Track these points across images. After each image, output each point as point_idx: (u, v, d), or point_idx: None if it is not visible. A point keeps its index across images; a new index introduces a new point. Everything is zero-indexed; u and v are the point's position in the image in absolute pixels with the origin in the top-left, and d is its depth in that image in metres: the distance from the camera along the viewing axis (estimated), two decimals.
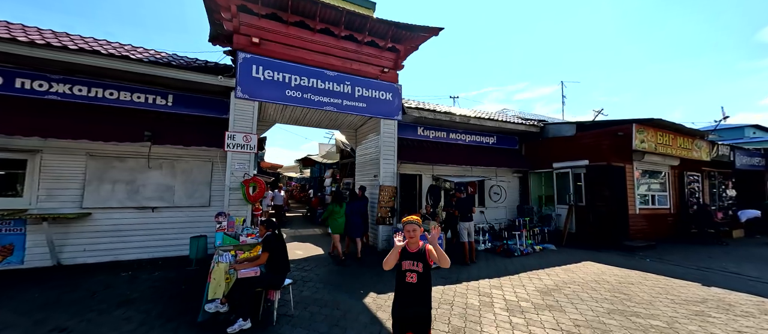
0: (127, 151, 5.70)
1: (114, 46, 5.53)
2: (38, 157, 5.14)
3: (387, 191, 7.25)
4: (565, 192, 9.01)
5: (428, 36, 7.50)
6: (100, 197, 5.47)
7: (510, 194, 10.07)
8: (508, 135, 10.52)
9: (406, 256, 2.35)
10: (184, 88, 6.08)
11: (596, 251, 7.56)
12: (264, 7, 6.08)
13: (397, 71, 7.81)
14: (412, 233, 2.36)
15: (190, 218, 6.11)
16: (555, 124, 9.87)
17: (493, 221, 9.26)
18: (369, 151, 8.23)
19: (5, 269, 4.82)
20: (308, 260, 6.35)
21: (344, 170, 11.88)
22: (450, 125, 9.26)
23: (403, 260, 2.35)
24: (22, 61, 4.87)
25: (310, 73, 6.59)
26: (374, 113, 7.33)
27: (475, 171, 9.59)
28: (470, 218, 6.49)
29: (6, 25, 4.92)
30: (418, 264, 2.31)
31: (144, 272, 5.18)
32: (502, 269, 5.93)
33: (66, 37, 5.21)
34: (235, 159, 5.79)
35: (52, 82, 5.21)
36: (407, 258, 2.34)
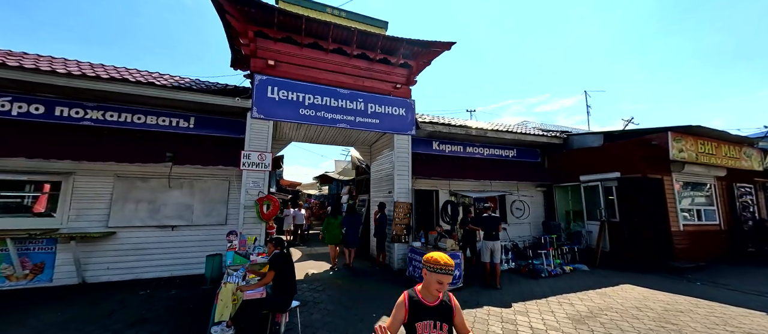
0: (151, 172, 5.95)
1: (142, 74, 5.92)
2: (71, 179, 5.48)
3: (402, 207, 7.04)
4: (596, 207, 8.35)
5: (440, 51, 7.48)
6: (124, 216, 5.70)
7: (533, 209, 9.50)
8: (529, 148, 10.07)
9: (422, 313, 1.57)
10: (204, 111, 6.37)
11: (636, 273, 6.83)
12: (279, 32, 6.34)
13: (409, 87, 7.79)
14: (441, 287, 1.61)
15: (207, 237, 6.21)
16: (580, 135, 9.34)
17: (517, 238, 8.71)
18: (383, 167, 8.13)
19: (35, 286, 5.05)
20: (321, 280, 6.19)
21: (360, 187, 11.82)
22: (466, 139, 9.02)
23: (416, 319, 1.56)
24: (62, 91, 5.31)
25: (323, 92, 6.70)
26: (387, 129, 7.28)
27: (494, 186, 9.17)
28: (496, 237, 5.99)
29: (49, 60, 5.42)
30: (443, 327, 1.57)
31: (161, 291, 5.24)
32: (527, 292, 5.46)
33: (101, 67, 5.65)
34: (250, 177, 5.88)
35: (87, 109, 5.63)
36: (424, 316, 1.56)
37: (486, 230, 6.13)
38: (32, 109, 5.29)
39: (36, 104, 5.32)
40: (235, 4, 5.71)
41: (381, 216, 7.17)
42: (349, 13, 7.34)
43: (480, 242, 6.25)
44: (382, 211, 7.21)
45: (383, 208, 7.23)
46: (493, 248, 5.96)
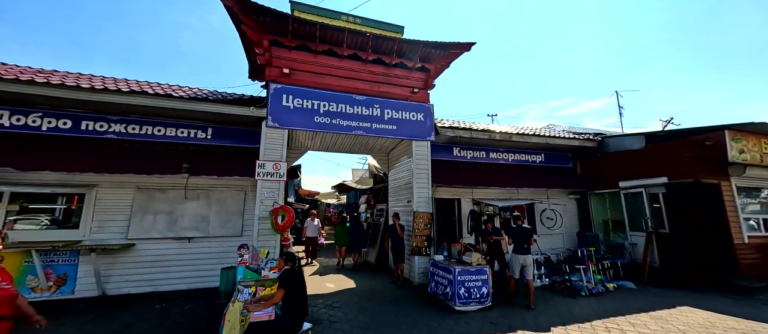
0: (169, 183, 5.97)
1: (162, 87, 6.01)
2: (95, 191, 5.58)
3: (422, 217, 6.63)
4: (640, 216, 7.50)
5: (459, 52, 7.13)
6: (143, 228, 5.71)
7: (566, 218, 8.73)
8: (559, 152, 9.36)
9: None
10: (221, 121, 6.37)
11: (693, 292, 5.97)
12: (294, 40, 6.27)
13: (428, 91, 7.47)
14: None
15: (223, 248, 6.11)
16: (617, 137, 8.54)
17: (549, 251, 7.98)
18: (401, 175, 7.79)
19: (58, 298, 5.11)
20: (338, 295, 5.87)
21: (378, 196, 11.51)
22: (489, 144, 8.50)
23: None
24: (87, 106, 5.47)
25: (338, 99, 6.53)
26: (405, 135, 6.96)
27: (521, 193, 8.53)
28: (528, 250, 5.43)
29: (77, 76, 5.62)
30: None
31: (176, 305, 5.14)
32: (566, 314, 4.84)
33: (123, 82, 5.80)
34: (264, 187, 5.74)
35: (110, 122, 5.76)
36: None
37: (517, 242, 5.57)
38: (60, 124, 5.47)
39: (64, 119, 5.50)
40: (251, 14, 5.70)
41: (392, 227, 6.77)
42: (364, 20, 7.19)
43: (509, 254, 5.70)
44: (396, 221, 6.77)
45: (397, 218, 6.83)
46: (524, 263, 5.40)
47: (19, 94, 4.87)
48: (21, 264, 5.01)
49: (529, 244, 5.49)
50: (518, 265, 5.39)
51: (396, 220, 6.75)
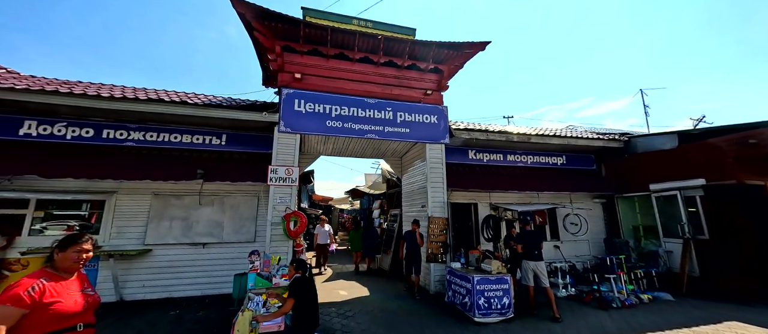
0: (184, 189, 6.03)
1: (178, 95, 6.14)
2: (114, 198, 5.71)
3: (437, 223, 6.39)
4: (675, 221, 6.94)
5: (473, 52, 6.92)
6: (160, 233, 5.77)
7: (592, 224, 8.22)
8: (581, 153, 8.90)
9: None
10: (234, 127, 6.42)
11: (740, 305, 5.40)
12: (305, 45, 6.27)
13: (441, 93, 7.28)
14: None
15: (237, 254, 6.09)
16: (645, 137, 8.01)
17: (574, 258, 7.52)
18: (415, 180, 7.58)
19: None
20: (351, 304, 5.70)
21: (391, 201, 11.32)
22: (506, 146, 8.18)
23: None
24: (108, 114, 5.64)
25: (350, 102, 6.45)
26: (418, 138, 6.78)
27: (542, 197, 8.13)
28: (538, 257, 5.20)
29: (98, 87, 5.81)
30: None
31: (190, 311, 5.12)
32: (598, 329, 4.45)
33: (142, 91, 5.95)
34: (277, 192, 5.69)
35: (130, 130, 5.91)
36: None
37: (526, 247, 5.30)
38: (83, 133, 5.66)
39: (87, 128, 5.69)
40: (263, 20, 5.74)
41: (408, 234, 6.26)
42: (375, 24, 7.12)
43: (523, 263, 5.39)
44: (416, 228, 6.24)
45: (417, 224, 6.27)
46: (536, 269, 5.13)
47: (46, 105, 5.06)
48: None
49: (540, 249, 5.24)
50: (530, 272, 5.14)
51: (415, 227, 6.22)
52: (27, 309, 1.65)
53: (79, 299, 1.86)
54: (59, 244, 1.88)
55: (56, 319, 1.74)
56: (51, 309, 1.71)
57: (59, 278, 1.83)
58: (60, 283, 1.81)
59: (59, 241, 1.89)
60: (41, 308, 1.68)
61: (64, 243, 1.88)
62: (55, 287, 1.77)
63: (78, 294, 1.87)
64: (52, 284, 1.76)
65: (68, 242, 1.89)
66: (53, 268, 1.86)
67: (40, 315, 1.68)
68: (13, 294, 1.64)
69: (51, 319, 1.72)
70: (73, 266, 1.90)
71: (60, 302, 1.75)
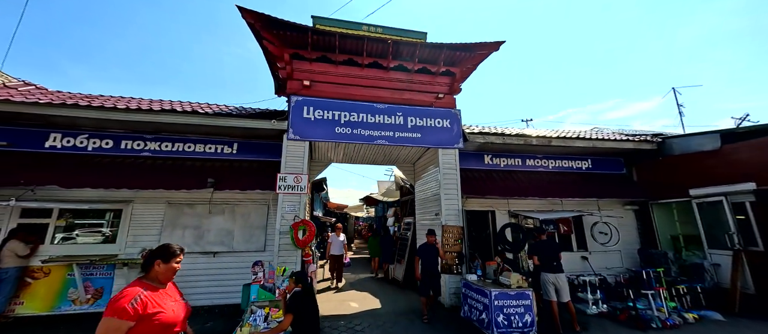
0: (197, 198, 6.08)
1: (192, 105, 6.26)
2: (130, 207, 5.84)
3: (451, 231, 6.06)
4: (721, 231, 6.20)
5: (487, 53, 6.63)
6: (172, 242, 5.81)
7: (624, 233, 7.54)
8: (609, 156, 8.27)
9: None
10: (245, 136, 6.45)
11: None
12: (314, 52, 6.24)
13: (454, 96, 7.02)
14: None
15: (247, 263, 5.98)
16: (682, 137, 7.31)
17: (604, 271, 6.89)
18: (429, 187, 7.30)
19: (94, 311, 5.29)
20: (362, 317, 5.45)
21: (405, 208, 11.04)
22: (525, 150, 7.73)
23: None
24: (126, 126, 5.82)
25: (359, 109, 6.32)
26: (431, 143, 6.52)
27: (566, 204, 7.57)
28: (558, 269, 4.85)
29: (117, 99, 6.03)
30: None
31: (198, 322, 5.07)
32: None
33: (157, 102, 6.12)
34: (285, 200, 5.61)
35: (146, 141, 6.08)
36: None
37: (543, 259, 4.93)
38: (103, 144, 5.87)
39: (106, 139, 5.90)
40: (271, 29, 5.77)
41: (424, 247, 5.41)
42: (385, 29, 7.00)
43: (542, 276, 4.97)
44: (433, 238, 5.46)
45: (433, 234, 5.49)
46: (556, 283, 4.76)
47: (68, 118, 5.29)
48: (64, 277, 5.30)
49: (557, 260, 4.85)
50: (551, 285, 4.77)
51: (432, 238, 5.40)
52: (133, 321, 1.67)
53: (176, 308, 1.90)
54: (163, 256, 1.92)
55: (159, 330, 1.76)
56: (154, 320, 1.74)
57: (155, 288, 1.85)
58: (157, 293, 1.83)
59: (161, 253, 1.93)
60: (145, 319, 1.71)
61: (168, 255, 1.93)
62: (155, 297, 1.79)
63: (174, 304, 1.90)
64: (151, 294, 1.79)
65: (171, 254, 1.95)
66: (149, 279, 1.89)
67: (144, 327, 1.70)
68: (118, 307, 1.65)
69: (154, 330, 1.74)
70: (170, 277, 1.96)
71: (162, 313, 1.77)
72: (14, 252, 4.91)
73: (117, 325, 1.63)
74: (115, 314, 1.63)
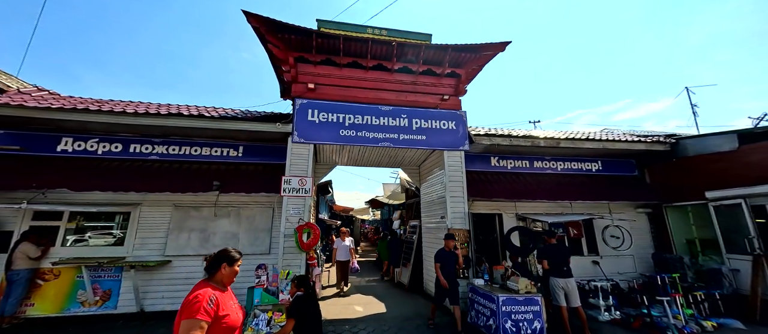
0: (203, 201, 6.13)
1: (198, 109, 6.33)
2: (138, 210, 5.91)
3: (457, 235, 5.95)
4: (740, 234, 5.96)
5: (492, 54, 6.55)
6: (179, 245, 5.86)
7: (636, 237, 7.32)
8: (620, 158, 8.07)
9: None
10: (250, 139, 6.50)
11: None
12: (318, 55, 6.25)
13: (459, 97, 6.94)
14: None
15: (252, 266, 5.94)
16: (697, 138, 7.08)
17: (617, 276, 6.68)
18: (434, 189, 7.21)
19: (102, 313, 5.35)
20: (366, 321, 5.38)
21: (410, 211, 10.95)
22: (533, 152, 7.59)
23: None
24: (135, 130, 5.90)
25: (363, 111, 6.30)
26: (436, 145, 6.45)
27: (576, 207, 7.40)
28: (566, 273, 4.71)
29: (126, 104, 6.13)
30: None
31: None
32: None
33: (165, 106, 6.20)
34: (290, 203, 5.60)
35: (154, 144, 6.16)
36: None
37: (552, 263, 4.82)
38: (113, 148, 5.97)
39: (116, 143, 6.00)
40: (276, 32, 5.81)
41: (443, 253, 4.98)
42: (390, 31, 6.99)
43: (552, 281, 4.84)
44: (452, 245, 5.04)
45: (451, 239, 5.08)
46: (566, 288, 4.62)
47: (79, 122, 5.41)
48: (73, 279, 5.38)
49: (566, 265, 4.72)
50: (560, 290, 4.64)
51: (451, 243, 4.97)
52: (209, 321, 1.72)
53: (238, 311, 1.96)
54: (228, 259, 1.97)
55: (226, 331, 1.80)
56: (223, 322, 1.78)
57: (220, 291, 1.89)
58: (223, 295, 1.89)
59: (226, 256, 1.99)
60: (217, 320, 1.76)
61: (231, 259, 1.99)
62: (221, 299, 1.84)
63: (235, 306, 1.96)
64: (219, 295, 1.84)
65: (234, 258, 2.00)
66: (214, 281, 1.94)
67: (215, 328, 1.75)
68: (198, 307, 1.70)
69: (222, 331, 1.77)
70: (232, 281, 2.02)
71: (229, 315, 1.83)
72: (26, 254, 5.01)
73: (199, 325, 1.66)
74: (197, 314, 1.67)
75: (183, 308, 1.72)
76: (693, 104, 15.46)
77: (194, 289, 1.81)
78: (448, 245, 5.01)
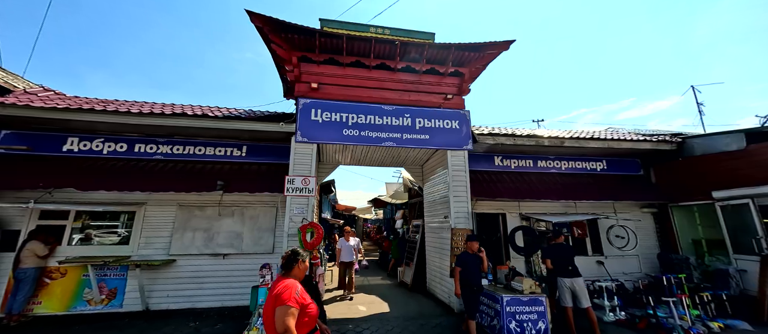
0: (207, 201, 6.16)
1: (202, 109, 6.35)
2: (143, 209, 5.95)
3: (461, 234, 5.94)
4: (748, 235, 5.89)
5: (496, 52, 6.51)
6: (183, 244, 5.90)
7: (641, 237, 7.26)
8: (625, 157, 8.01)
9: None
10: (254, 138, 6.52)
11: None
12: (322, 54, 6.25)
13: (463, 96, 6.91)
14: None
15: (256, 266, 6.00)
16: (704, 137, 7.00)
17: (622, 276, 6.64)
18: (437, 189, 7.20)
19: (108, 311, 5.40)
20: (370, 321, 5.38)
21: (413, 211, 10.94)
22: (537, 151, 7.55)
23: None
24: (139, 130, 5.95)
25: (366, 110, 6.29)
26: (439, 145, 6.43)
27: (580, 207, 7.35)
28: (572, 273, 4.67)
29: (130, 104, 6.17)
30: None
31: (208, 324, 5.11)
32: None
33: (169, 106, 6.23)
34: (293, 203, 5.61)
35: (159, 144, 6.20)
36: None
37: (556, 263, 4.82)
38: (118, 148, 6.02)
39: (121, 143, 6.04)
40: (279, 32, 5.81)
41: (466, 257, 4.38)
42: (393, 30, 6.97)
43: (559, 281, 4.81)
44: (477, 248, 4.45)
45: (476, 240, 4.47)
46: (573, 288, 4.58)
47: (85, 122, 5.45)
48: (80, 278, 5.43)
49: (573, 265, 4.68)
50: (567, 290, 4.60)
51: (474, 245, 4.41)
52: (298, 309, 1.95)
53: (314, 303, 2.15)
54: (302, 256, 2.27)
55: (310, 321, 2.01)
56: (308, 309, 2.00)
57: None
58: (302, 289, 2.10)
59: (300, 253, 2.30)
60: (303, 308, 1.97)
61: (304, 256, 2.28)
62: (303, 291, 2.05)
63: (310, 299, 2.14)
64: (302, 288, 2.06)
65: (304, 256, 2.28)
66: (292, 275, 2.18)
67: (301, 316, 1.96)
68: (290, 296, 1.95)
69: (307, 321, 1.99)
70: (302, 277, 2.26)
71: (311, 304, 2.04)
72: (34, 252, 5.07)
73: (293, 312, 1.90)
74: (288, 301, 1.91)
75: (275, 298, 1.95)
76: (699, 103, 15.32)
77: (278, 283, 2.05)
78: (471, 247, 4.42)
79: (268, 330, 1.92)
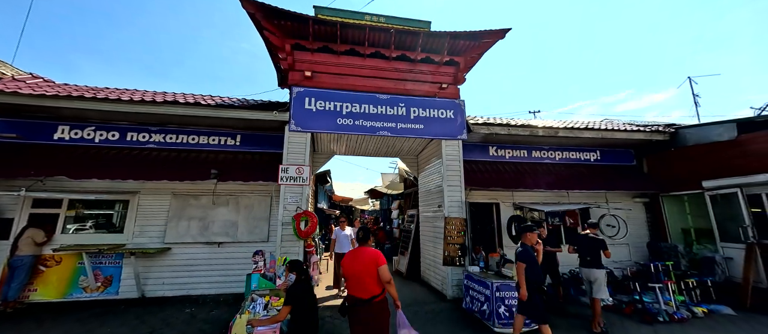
0: (201, 189, 6.15)
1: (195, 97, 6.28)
2: (136, 198, 5.94)
3: (454, 223, 6.01)
4: (735, 223, 6.01)
5: (492, 41, 6.46)
6: (178, 233, 5.92)
7: (632, 226, 7.37)
8: (619, 147, 8.07)
9: None
10: (248, 127, 6.48)
11: None
12: (315, 42, 6.17)
13: (458, 86, 6.88)
14: None
15: (250, 254, 6.05)
16: (697, 127, 7.05)
17: (612, 264, 6.76)
18: (432, 179, 7.24)
19: (104, 298, 5.45)
20: None
21: (408, 200, 11.01)
22: (531, 141, 7.59)
23: None
24: (131, 118, 5.89)
25: (361, 99, 6.26)
26: (434, 134, 6.43)
27: (573, 197, 7.43)
28: (593, 263, 4.63)
29: (121, 91, 6.09)
30: None
31: (204, 310, 5.18)
32: None
33: (160, 94, 6.16)
34: (288, 192, 5.62)
35: (151, 133, 6.16)
36: None
37: (578, 252, 4.91)
38: (109, 136, 5.97)
39: (112, 131, 5.99)
40: (272, 18, 5.72)
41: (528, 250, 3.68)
42: (388, 18, 6.86)
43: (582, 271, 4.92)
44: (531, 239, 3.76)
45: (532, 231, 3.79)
46: (589, 278, 4.65)
47: (75, 110, 5.38)
48: (75, 265, 5.45)
49: (592, 256, 4.68)
50: (585, 280, 4.75)
51: (533, 237, 3.73)
52: None
53: None
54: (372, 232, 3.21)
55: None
56: None
57: None
58: None
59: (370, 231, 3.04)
60: None
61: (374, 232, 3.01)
62: None
63: None
64: None
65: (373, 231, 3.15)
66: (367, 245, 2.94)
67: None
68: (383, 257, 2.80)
69: None
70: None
71: None
72: (33, 239, 5.09)
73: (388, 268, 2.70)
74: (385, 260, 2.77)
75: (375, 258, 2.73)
76: (695, 94, 15.34)
77: (364, 250, 2.82)
78: (530, 239, 3.70)
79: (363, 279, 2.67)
